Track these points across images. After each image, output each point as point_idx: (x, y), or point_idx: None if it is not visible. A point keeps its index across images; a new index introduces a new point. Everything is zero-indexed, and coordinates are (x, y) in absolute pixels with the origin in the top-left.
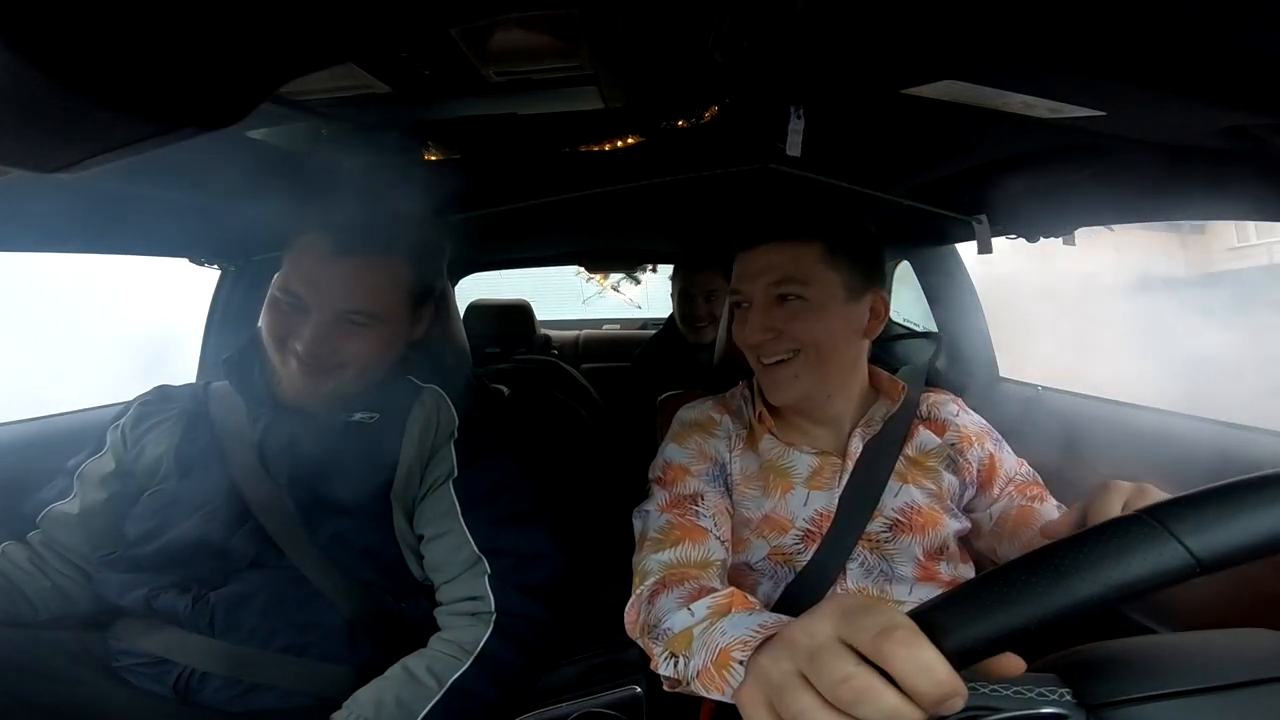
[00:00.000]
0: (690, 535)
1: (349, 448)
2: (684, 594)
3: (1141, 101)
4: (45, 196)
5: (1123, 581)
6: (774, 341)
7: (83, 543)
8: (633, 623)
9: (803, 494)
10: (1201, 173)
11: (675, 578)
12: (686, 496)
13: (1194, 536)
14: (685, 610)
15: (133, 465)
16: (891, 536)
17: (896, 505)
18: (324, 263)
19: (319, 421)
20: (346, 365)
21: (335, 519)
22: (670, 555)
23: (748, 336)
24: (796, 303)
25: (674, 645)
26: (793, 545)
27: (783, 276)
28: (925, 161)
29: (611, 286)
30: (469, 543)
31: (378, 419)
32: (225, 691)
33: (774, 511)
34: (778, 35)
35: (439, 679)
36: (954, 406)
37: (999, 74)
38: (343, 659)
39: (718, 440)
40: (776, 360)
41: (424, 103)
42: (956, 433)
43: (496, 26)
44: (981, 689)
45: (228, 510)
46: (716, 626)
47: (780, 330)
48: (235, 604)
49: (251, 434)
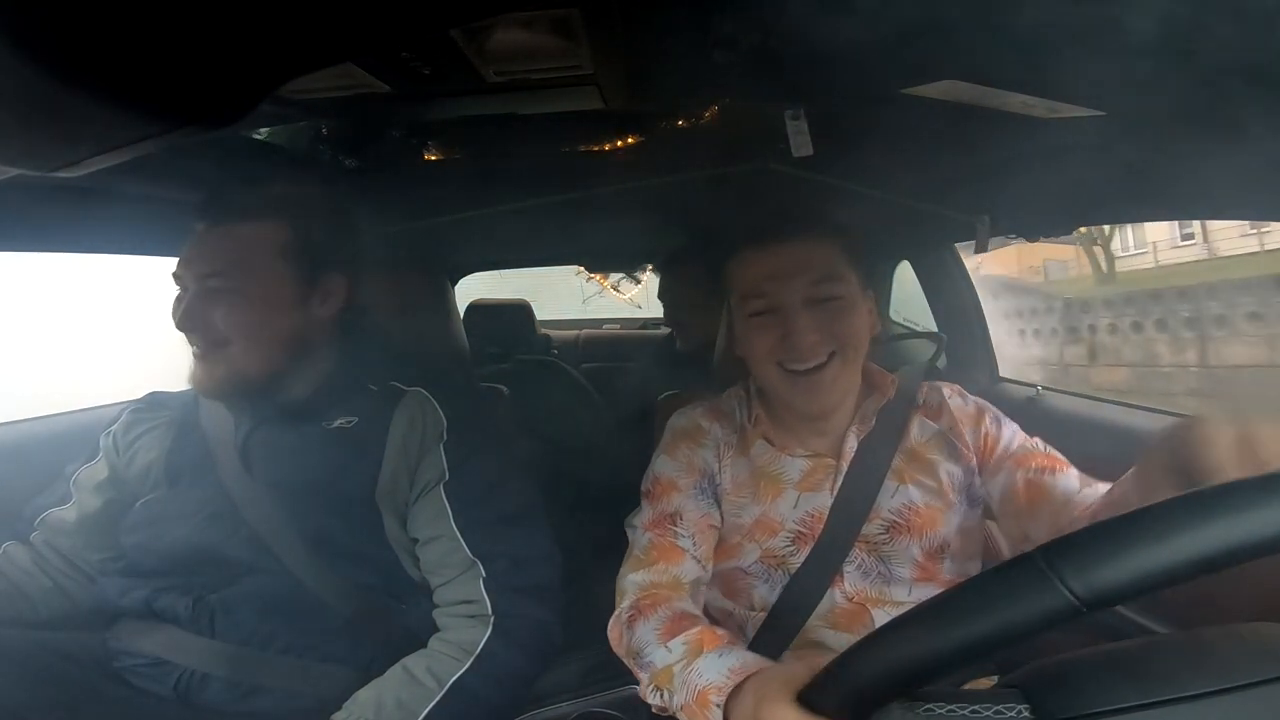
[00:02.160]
0: (666, 556)
1: (329, 453)
2: (660, 623)
3: (1141, 101)
4: (45, 196)
5: (1011, 625)
6: (815, 345)
7: (82, 548)
8: (616, 640)
9: (793, 496)
10: (1201, 173)
11: (649, 601)
12: (667, 515)
13: (1077, 578)
14: (664, 648)
15: (125, 472)
16: (889, 539)
17: (893, 506)
18: (195, 239)
19: (297, 428)
20: (228, 340)
21: (325, 524)
22: (645, 577)
23: (797, 344)
24: (835, 303)
25: (658, 680)
26: (784, 547)
27: (821, 275)
28: (925, 161)
29: (611, 286)
30: (462, 547)
31: (356, 423)
32: (225, 693)
33: (764, 515)
34: (778, 35)
35: (439, 679)
36: (948, 391)
37: (999, 74)
38: (343, 660)
39: (706, 450)
40: (815, 365)
41: (424, 103)
42: (952, 417)
43: (496, 26)
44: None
45: (222, 517)
46: (693, 667)
47: (820, 333)
48: (235, 606)
49: (235, 440)
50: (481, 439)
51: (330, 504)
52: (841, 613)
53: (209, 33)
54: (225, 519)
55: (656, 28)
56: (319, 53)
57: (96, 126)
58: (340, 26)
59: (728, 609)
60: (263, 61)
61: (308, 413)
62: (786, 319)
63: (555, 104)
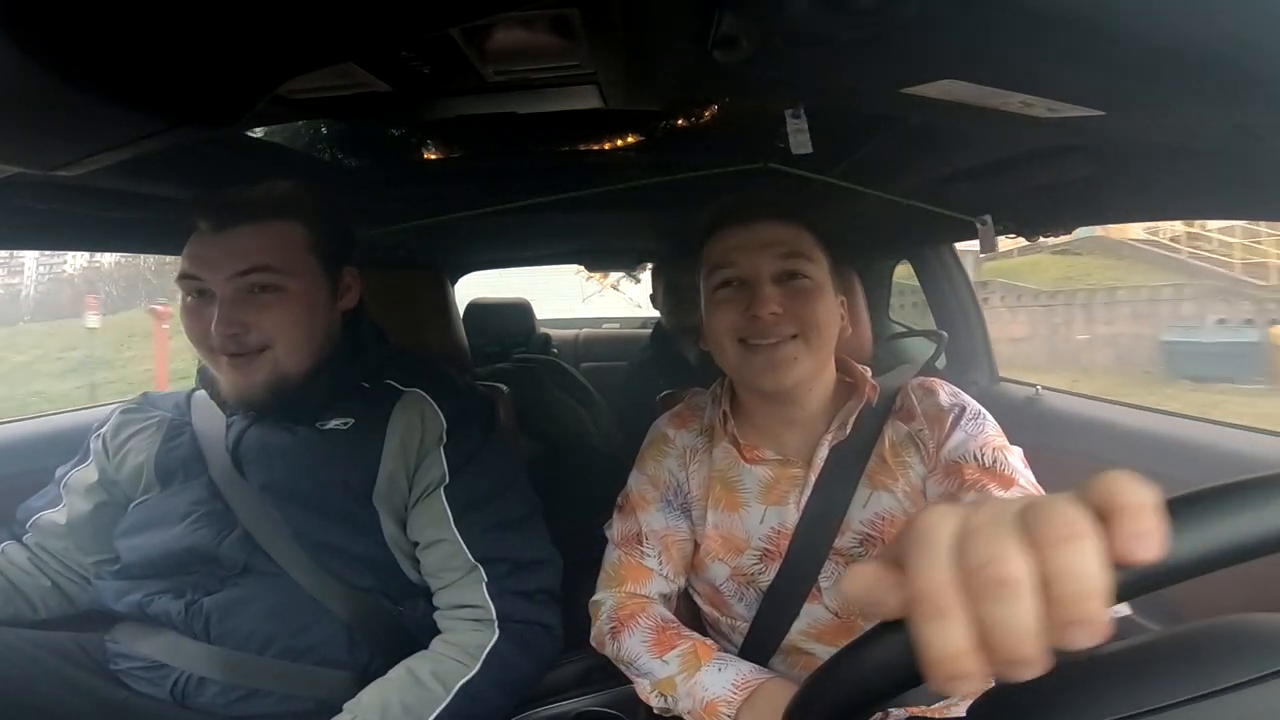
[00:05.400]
0: (634, 575)
1: (323, 456)
2: (645, 634)
3: (1141, 101)
4: (45, 196)
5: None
6: (777, 322)
7: (74, 550)
8: (601, 647)
9: (759, 510)
10: (1201, 173)
11: (626, 613)
12: (635, 534)
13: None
14: (659, 661)
15: (115, 474)
16: (864, 551)
17: (865, 518)
18: (211, 240)
19: (291, 429)
20: (270, 343)
21: (320, 526)
22: (616, 597)
23: (759, 314)
24: (801, 281)
25: (660, 687)
26: (752, 566)
27: (790, 251)
28: (926, 161)
29: (611, 285)
30: (463, 551)
31: (353, 425)
32: (223, 696)
33: (730, 531)
34: (778, 35)
35: (445, 684)
36: (922, 389)
37: (999, 74)
38: (341, 664)
39: (670, 460)
40: (774, 341)
41: (424, 102)
42: (923, 417)
43: (496, 26)
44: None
45: (214, 518)
46: (695, 680)
47: (783, 310)
48: (229, 610)
49: (226, 441)
50: (482, 441)
51: (325, 506)
52: (827, 627)
53: (208, 32)
54: (217, 521)
55: (656, 27)
56: (319, 53)
57: (96, 125)
58: (340, 26)
59: (714, 617)
60: (262, 61)
61: (302, 413)
62: (751, 290)
63: (555, 104)
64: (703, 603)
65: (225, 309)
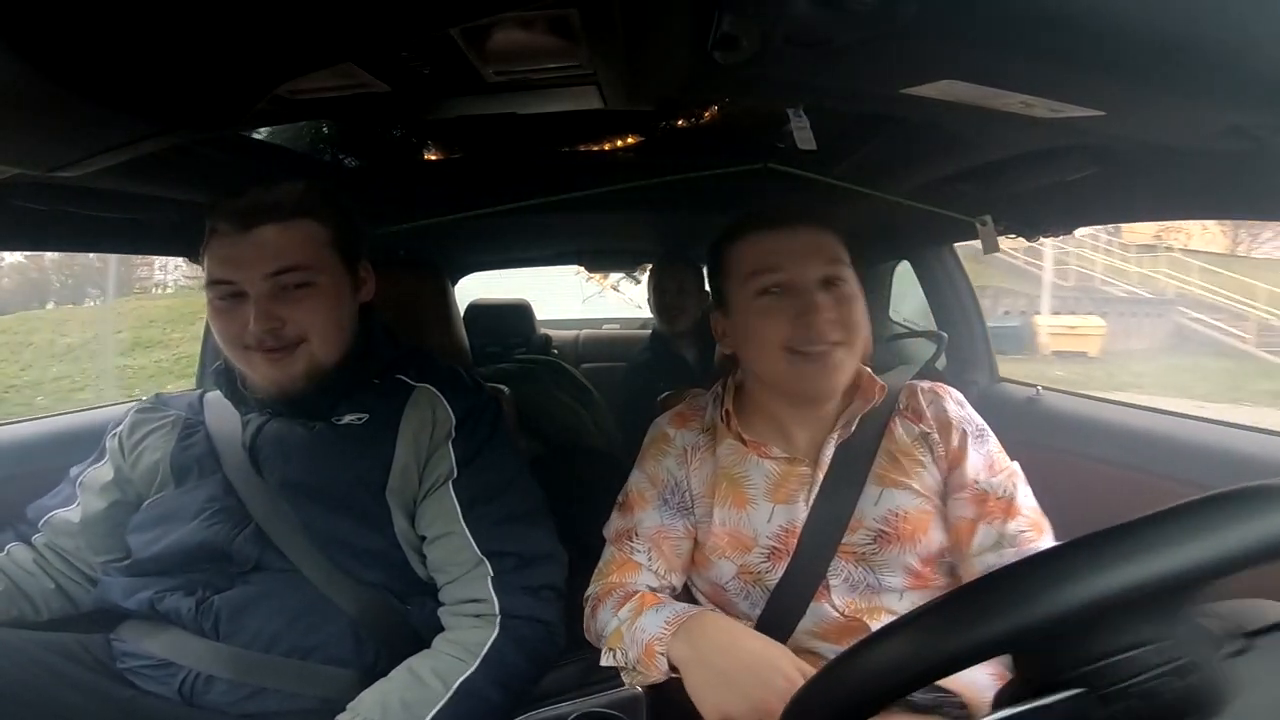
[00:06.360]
0: (621, 569)
1: (339, 450)
2: (616, 601)
3: (1141, 101)
4: (45, 196)
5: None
6: (833, 326)
7: (85, 549)
8: (589, 634)
9: (767, 509)
10: (1201, 173)
11: (605, 589)
12: (628, 530)
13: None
14: (615, 617)
15: (130, 473)
16: (878, 549)
17: (879, 514)
18: (238, 241)
19: (307, 425)
20: (306, 336)
21: (333, 522)
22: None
23: (813, 322)
24: (844, 287)
25: (611, 642)
26: (760, 564)
27: (832, 256)
28: (926, 161)
29: (611, 286)
30: (470, 544)
31: (367, 420)
32: (230, 694)
33: (737, 528)
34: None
35: (444, 681)
36: (931, 394)
37: (999, 74)
38: (348, 662)
39: (669, 459)
40: (825, 348)
41: (424, 102)
42: (932, 421)
43: (496, 26)
44: None
45: (228, 514)
46: (637, 625)
47: (836, 316)
48: (239, 608)
49: (243, 438)
50: (489, 436)
51: (340, 501)
52: (833, 626)
53: (208, 34)
54: (231, 517)
55: (656, 28)
56: (319, 53)
57: (96, 127)
58: (340, 26)
59: None
60: (262, 61)
61: (318, 409)
62: (802, 297)
63: (555, 104)
64: (705, 601)
65: (262, 306)
